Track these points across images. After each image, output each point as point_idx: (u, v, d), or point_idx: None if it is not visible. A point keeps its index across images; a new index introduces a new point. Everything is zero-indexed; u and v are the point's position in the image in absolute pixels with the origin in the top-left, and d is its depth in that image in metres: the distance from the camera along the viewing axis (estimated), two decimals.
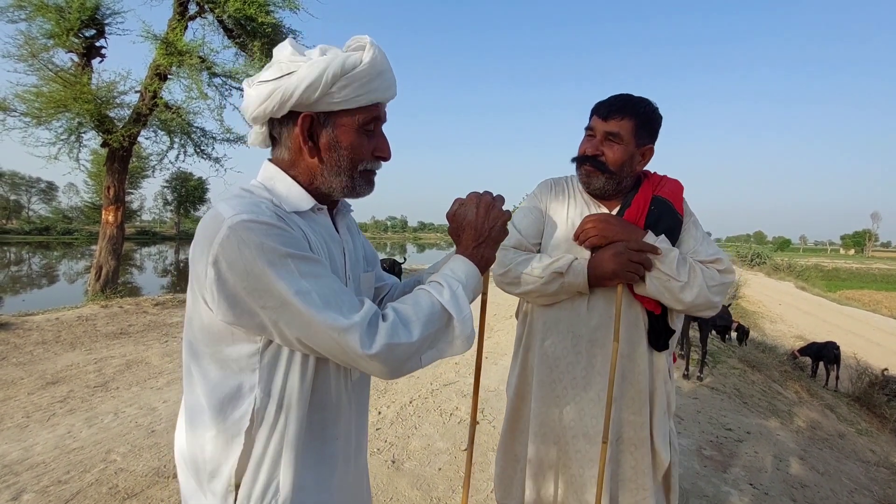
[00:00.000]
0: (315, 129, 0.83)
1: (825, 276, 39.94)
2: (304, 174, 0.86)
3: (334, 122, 0.83)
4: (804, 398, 5.68)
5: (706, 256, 1.31)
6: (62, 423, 3.18)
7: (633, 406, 1.33)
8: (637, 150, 1.32)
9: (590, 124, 1.35)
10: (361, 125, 0.84)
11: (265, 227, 0.72)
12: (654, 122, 1.33)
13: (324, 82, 0.77)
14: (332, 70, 0.77)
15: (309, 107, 0.80)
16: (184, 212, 57.44)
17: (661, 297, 1.26)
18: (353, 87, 0.79)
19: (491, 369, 4.88)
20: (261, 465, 0.79)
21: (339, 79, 0.78)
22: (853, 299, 26.25)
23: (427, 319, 0.79)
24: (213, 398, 0.79)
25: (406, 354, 0.76)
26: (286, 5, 8.66)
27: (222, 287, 0.72)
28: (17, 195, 58.57)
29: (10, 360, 4.37)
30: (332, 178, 0.85)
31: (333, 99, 0.79)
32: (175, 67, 8.38)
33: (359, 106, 0.82)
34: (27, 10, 7.87)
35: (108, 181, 8.98)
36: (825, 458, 3.56)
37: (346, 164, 0.85)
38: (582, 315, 1.34)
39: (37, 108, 8.03)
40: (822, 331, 13.91)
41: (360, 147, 0.85)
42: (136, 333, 5.62)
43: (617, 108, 1.29)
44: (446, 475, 2.76)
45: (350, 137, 0.84)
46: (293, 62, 0.79)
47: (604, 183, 1.34)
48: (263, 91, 0.79)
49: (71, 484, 2.47)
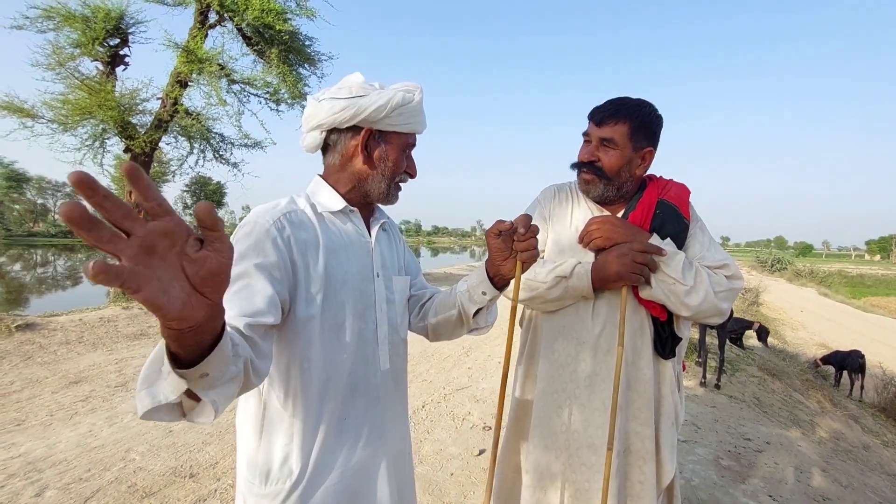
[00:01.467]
0: (370, 143, 1.02)
1: (849, 282, 38.83)
2: (350, 178, 1.04)
3: (386, 140, 1.02)
4: (827, 408, 5.54)
5: (713, 262, 1.28)
6: (84, 422, 3.26)
7: (640, 416, 1.30)
8: (635, 153, 1.29)
9: (586, 130, 1.34)
10: (404, 146, 1.05)
11: (248, 230, 0.90)
12: (652, 125, 1.30)
13: (388, 107, 0.98)
14: (396, 100, 0.98)
15: (372, 124, 0.99)
16: None
17: (667, 302, 1.24)
18: (405, 116, 1.00)
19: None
20: (274, 443, 0.91)
21: (397, 108, 0.98)
22: (879, 307, 25.48)
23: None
24: None
25: None
26: (303, 13, 8.83)
27: None
28: (43, 199, 60.35)
29: (35, 360, 4.49)
30: (376, 183, 1.03)
31: (391, 122, 1.00)
32: (195, 75, 8.58)
33: (405, 132, 1.03)
34: (55, 20, 8.15)
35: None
36: (849, 470, 3.46)
37: (389, 173, 1.03)
38: (586, 321, 1.32)
39: (63, 115, 8.29)
40: (845, 339, 13.53)
41: (400, 162, 1.04)
42: (155, 335, 5.74)
43: (610, 113, 1.27)
44: (458, 480, 2.76)
45: (396, 154, 1.04)
46: (364, 88, 0.99)
47: (602, 189, 1.33)
48: (337, 105, 0.98)
49: (91, 481, 2.53)
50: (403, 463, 1.12)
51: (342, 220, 1.02)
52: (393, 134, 1.02)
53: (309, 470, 0.92)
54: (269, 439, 0.92)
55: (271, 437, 0.92)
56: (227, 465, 2.78)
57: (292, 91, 9.21)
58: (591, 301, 1.31)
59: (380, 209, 1.15)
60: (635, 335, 1.30)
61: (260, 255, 0.87)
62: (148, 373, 0.58)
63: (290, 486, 0.90)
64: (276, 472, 0.91)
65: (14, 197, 49.13)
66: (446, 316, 1.11)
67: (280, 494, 0.90)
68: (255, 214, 0.93)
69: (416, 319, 1.18)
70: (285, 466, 0.91)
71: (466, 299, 1.07)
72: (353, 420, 0.98)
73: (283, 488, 0.90)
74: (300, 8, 8.79)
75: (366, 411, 1.00)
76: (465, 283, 1.09)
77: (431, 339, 1.19)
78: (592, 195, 1.36)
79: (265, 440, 0.92)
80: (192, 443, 3.03)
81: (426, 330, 1.17)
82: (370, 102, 0.97)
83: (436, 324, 1.14)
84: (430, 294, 1.22)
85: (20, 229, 49.26)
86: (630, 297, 1.29)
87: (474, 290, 1.06)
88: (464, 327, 1.12)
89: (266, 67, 9.17)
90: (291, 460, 0.91)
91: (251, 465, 0.93)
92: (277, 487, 0.90)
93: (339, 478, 0.95)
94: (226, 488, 2.54)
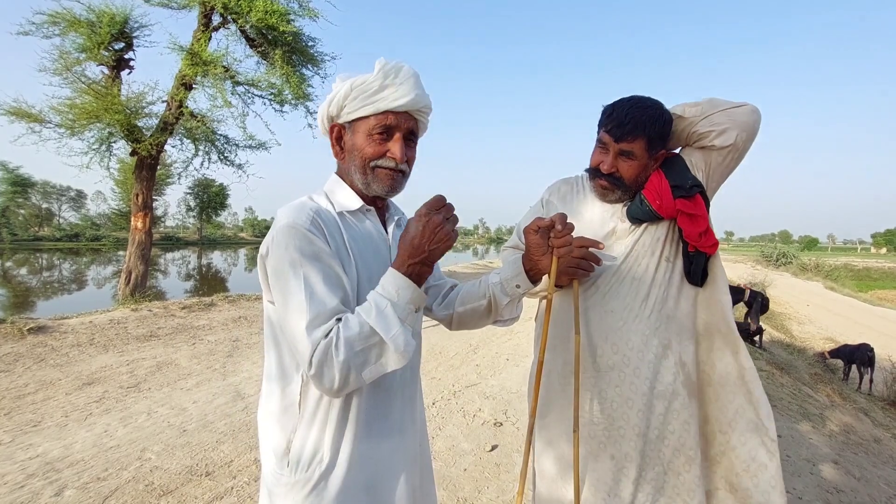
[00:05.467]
0: (344, 138, 1.03)
1: (855, 275, 38.60)
2: (346, 176, 1.05)
3: (353, 129, 1.00)
4: (836, 402, 5.52)
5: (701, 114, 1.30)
6: (99, 423, 3.30)
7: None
8: (650, 160, 1.32)
9: (601, 137, 1.34)
10: (369, 130, 0.98)
11: (295, 232, 0.89)
12: (666, 131, 1.31)
13: (340, 97, 0.98)
14: (346, 88, 0.97)
15: (337, 118, 1.01)
16: (206, 217, 58.76)
17: (709, 136, 1.27)
18: (361, 99, 0.96)
19: (513, 371, 4.88)
20: (309, 432, 0.94)
21: (350, 94, 0.97)
22: (886, 300, 25.32)
23: (352, 341, 0.85)
24: (277, 372, 0.97)
25: (337, 373, 0.84)
26: (306, 14, 8.83)
27: (268, 276, 0.92)
28: (48, 203, 60.69)
29: (48, 362, 4.53)
30: (354, 175, 1.02)
31: (349, 109, 0.98)
32: (200, 77, 8.61)
33: (367, 114, 0.97)
34: (61, 25, 8.21)
35: (136, 188, 9.25)
36: (861, 462, 3.45)
37: (359, 162, 1.00)
38: (571, 312, 1.33)
39: (70, 120, 8.35)
40: (853, 332, 13.45)
41: (364, 148, 0.99)
42: (164, 336, 5.78)
43: (629, 130, 1.26)
44: (472, 476, 2.77)
45: (360, 140, 0.99)
46: (336, 85, 1.00)
47: (620, 195, 1.35)
48: (321, 111, 1.03)
49: (109, 481, 2.56)
50: (424, 455, 1.14)
51: (360, 220, 1.02)
52: (357, 121, 0.99)
53: (339, 460, 0.94)
54: (303, 431, 0.94)
55: (305, 429, 0.94)
56: (243, 463, 2.81)
57: (296, 92, 9.23)
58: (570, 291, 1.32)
59: (394, 205, 1.15)
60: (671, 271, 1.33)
61: (316, 247, 0.91)
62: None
63: (320, 474, 0.93)
64: (307, 460, 0.93)
65: (19, 202, 49.46)
66: (474, 306, 1.13)
67: (311, 481, 0.92)
68: (288, 216, 0.91)
69: (440, 308, 1.20)
70: (317, 456, 0.93)
71: (499, 291, 1.09)
72: (378, 414, 1.00)
73: (313, 475, 0.93)
74: (303, 9, 8.81)
75: (390, 405, 1.03)
76: (496, 275, 1.11)
77: (454, 328, 1.21)
78: (608, 199, 1.38)
79: (300, 432, 0.94)
80: (207, 442, 3.06)
81: (450, 318, 1.19)
82: (330, 98, 0.99)
83: (462, 312, 1.16)
84: (451, 284, 1.24)
85: (26, 234, 49.56)
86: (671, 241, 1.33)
87: (508, 282, 1.08)
88: (489, 318, 1.14)
89: (270, 69, 9.19)
90: (323, 450, 0.93)
91: (280, 457, 0.95)
92: (308, 474, 0.93)
93: (365, 468, 0.98)
94: (242, 486, 2.56)
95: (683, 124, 1.31)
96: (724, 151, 1.28)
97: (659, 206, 1.29)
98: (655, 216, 1.32)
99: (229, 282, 23.77)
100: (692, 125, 1.30)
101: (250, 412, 3.56)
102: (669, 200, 1.29)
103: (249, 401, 3.81)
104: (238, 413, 3.56)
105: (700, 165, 1.33)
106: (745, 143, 1.28)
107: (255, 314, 7.28)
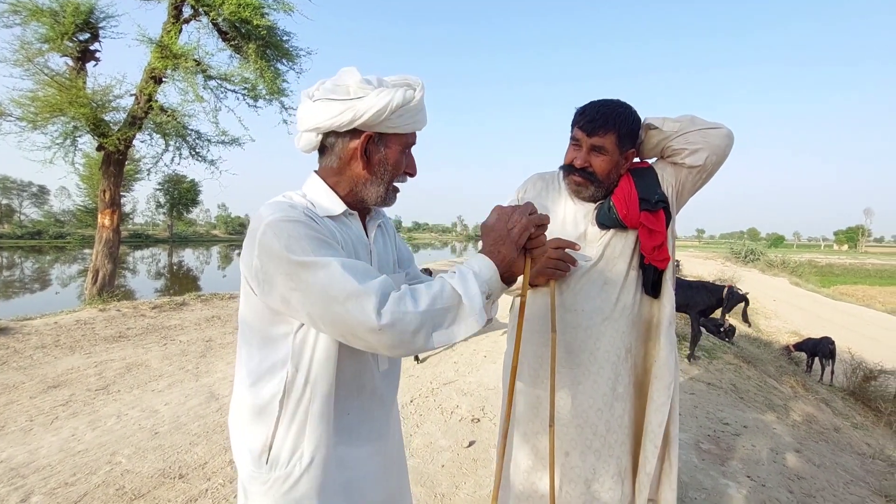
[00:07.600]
0: (370, 147, 0.98)
1: (819, 271, 40.14)
2: (347, 182, 1.00)
3: (386, 143, 0.99)
4: (800, 393, 5.75)
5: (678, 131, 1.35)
6: (66, 427, 3.19)
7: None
8: (621, 157, 1.37)
9: (574, 135, 1.39)
10: (404, 147, 1.01)
11: (294, 223, 0.85)
12: (635, 129, 1.37)
13: (388, 110, 0.92)
14: (396, 101, 0.93)
15: (371, 127, 0.95)
16: (176, 214, 57.09)
17: (677, 157, 1.34)
18: (406, 117, 0.96)
19: (490, 368, 4.92)
20: (289, 431, 0.92)
21: (397, 109, 0.93)
22: (847, 294, 26.45)
23: (435, 296, 0.83)
24: (256, 372, 0.95)
25: (412, 325, 0.80)
26: (280, 7, 8.67)
27: (263, 274, 0.85)
28: (8, 199, 58.13)
29: (10, 365, 4.36)
30: (374, 188, 1.00)
31: (392, 124, 0.95)
32: (170, 70, 8.37)
33: (405, 132, 0.99)
34: (22, 14, 7.84)
35: (103, 185, 8.95)
36: (821, 450, 3.62)
37: (388, 178, 1.01)
38: (543, 306, 1.39)
39: (32, 113, 8.00)
40: (816, 326, 14.03)
41: (399, 164, 1.01)
42: (134, 336, 5.62)
43: (600, 125, 1.32)
44: (449, 472, 2.80)
45: (396, 156, 1.00)
46: (362, 88, 0.93)
47: (594, 191, 1.40)
48: (333, 108, 0.93)
49: (78, 486, 2.49)
50: (399, 458, 1.16)
51: (342, 224, 0.99)
52: (393, 136, 0.98)
53: (318, 459, 0.93)
54: (283, 430, 0.93)
55: (285, 428, 0.93)
56: (217, 465, 2.77)
57: (270, 87, 9.05)
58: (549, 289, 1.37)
59: (376, 209, 1.12)
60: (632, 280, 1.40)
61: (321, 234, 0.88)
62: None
63: (300, 471, 0.92)
64: (286, 458, 0.92)
65: None
66: None
67: (290, 477, 0.92)
68: (276, 211, 0.86)
69: None
70: (296, 453, 0.93)
71: None
72: (358, 418, 1.01)
73: (292, 472, 0.92)
74: (277, 2, 8.64)
75: (370, 411, 1.03)
76: None
77: None
78: (583, 196, 1.42)
79: (280, 430, 0.93)
80: (180, 444, 3.00)
81: None
82: (369, 105, 0.91)
83: None
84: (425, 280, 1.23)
85: None
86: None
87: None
88: None
89: (243, 63, 8.99)
90: (303, 448, 0.93)
91: (256, 455, 0.93)
92: (287, 471, 0.92)
93: (344, 470, 0.98)
94: (216, 488, 2.53)
95: (660, 137, 1.36)
96: (693, 171, 1.35)
97: (625, 216, 1.35)
98: (621, 224, 1.37)
99: (202, 280, 23.23)
100: (668, 139, 1.35)
101: (224, 413, 3.50)
102: (636, 212, 1.34)
103: (224, 402, 3.74)
104: (212, 414, 3.50)
105: (671, 181, 1.39)
106: (714, 166, 1.35)
107: (228, 313, 7.15)
